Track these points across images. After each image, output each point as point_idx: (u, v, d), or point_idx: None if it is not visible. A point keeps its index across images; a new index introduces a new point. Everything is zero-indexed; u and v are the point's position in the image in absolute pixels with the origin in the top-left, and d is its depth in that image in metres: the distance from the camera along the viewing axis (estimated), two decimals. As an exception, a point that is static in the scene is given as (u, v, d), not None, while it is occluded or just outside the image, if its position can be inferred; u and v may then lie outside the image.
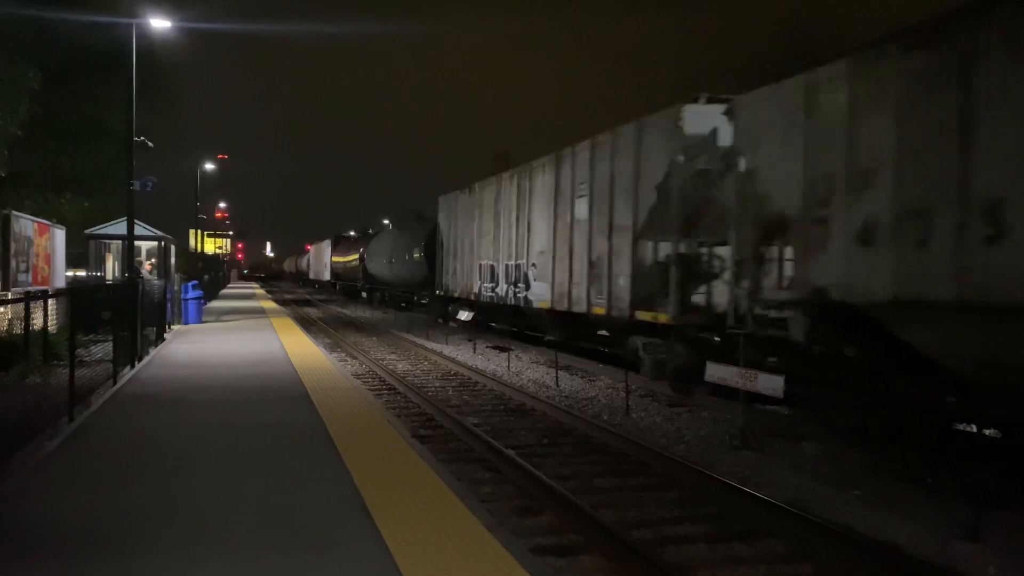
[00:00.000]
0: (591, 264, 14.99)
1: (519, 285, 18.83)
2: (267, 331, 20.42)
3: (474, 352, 19.33)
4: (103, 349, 10.61)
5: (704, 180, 11.80)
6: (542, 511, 6.93)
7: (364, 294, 46.47)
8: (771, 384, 8.98)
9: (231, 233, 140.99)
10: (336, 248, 57.62)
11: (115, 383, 10.86)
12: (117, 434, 7.88)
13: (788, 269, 9.89)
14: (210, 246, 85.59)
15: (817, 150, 9.30)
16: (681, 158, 12.13)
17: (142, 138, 19.45)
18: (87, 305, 10.42)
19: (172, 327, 20.60)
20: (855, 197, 8.69)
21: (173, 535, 4.94)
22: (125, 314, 12.27)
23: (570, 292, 15.90)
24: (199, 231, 52.16)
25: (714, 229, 11.47)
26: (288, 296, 57.73)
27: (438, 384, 14.48)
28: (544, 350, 18.46)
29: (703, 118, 11.85)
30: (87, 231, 23.03)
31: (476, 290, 22.14)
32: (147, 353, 14.57)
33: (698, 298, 12.06)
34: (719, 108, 11.60)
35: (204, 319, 23.68)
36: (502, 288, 20.01)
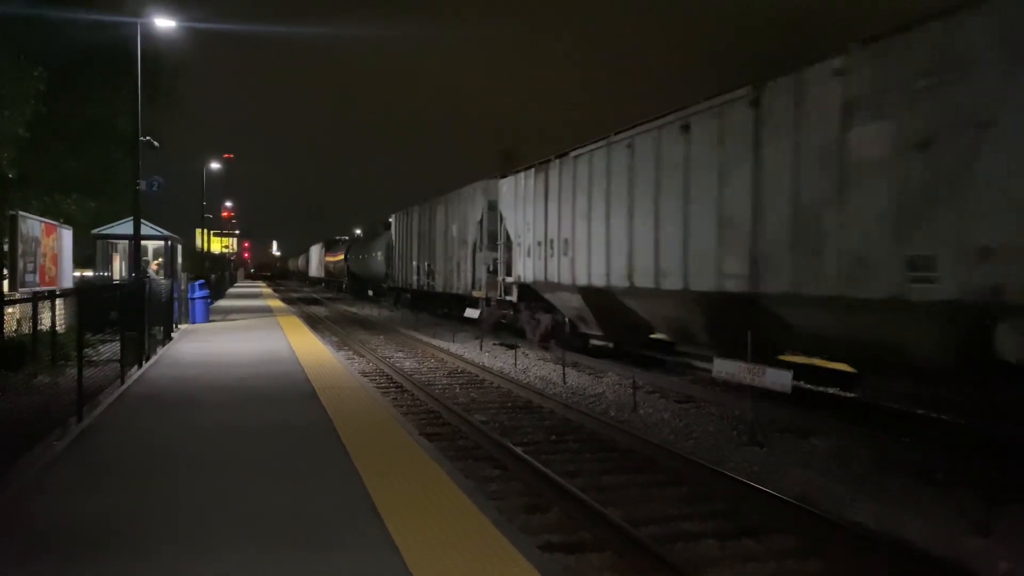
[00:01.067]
0: (457, 265, 25.16)
1: (430, 278, 28.95)
2: (274, 330, 20.45)
3: (480, 350, 19.33)
4: (111, 349, 10.64)
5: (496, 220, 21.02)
6: (550, 508, 6.91)
7: (344, 285, 57.72)
8: (779, 379, 8.96)
9: (237, 232, 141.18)
10: (328, 250, 67.37)
11: (123, 383, 10.89)
12: (125, 434, 7.90)
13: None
14: (216, 245, 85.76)
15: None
16: (486, 210, 21.91)
17: (148, 138, 19.49)
18: (94, 305, 10.43)
19: (179, 326, 20.65)
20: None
21: (181, 534, 4.95)
22: (132, 314, 12.29)
23: (450, 281, 26.06)
24: (206, 230, 52.24)
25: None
26: (294, 295, 57.83)
27: (445, 382, 14.48)
28: (544, 354, 18.49)
29: (491, 189, 21.53)
30: (94, 231, 23.08)
31: (411, 281, 32.40)
32: (155, 353, 14.60)
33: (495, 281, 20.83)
34: (496, 182, 20.86)
35: (211, 318, 23.74)
36: (423, 281, 29.92)
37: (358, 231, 75.34)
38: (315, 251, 78.83)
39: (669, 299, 12.30)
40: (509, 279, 19.75)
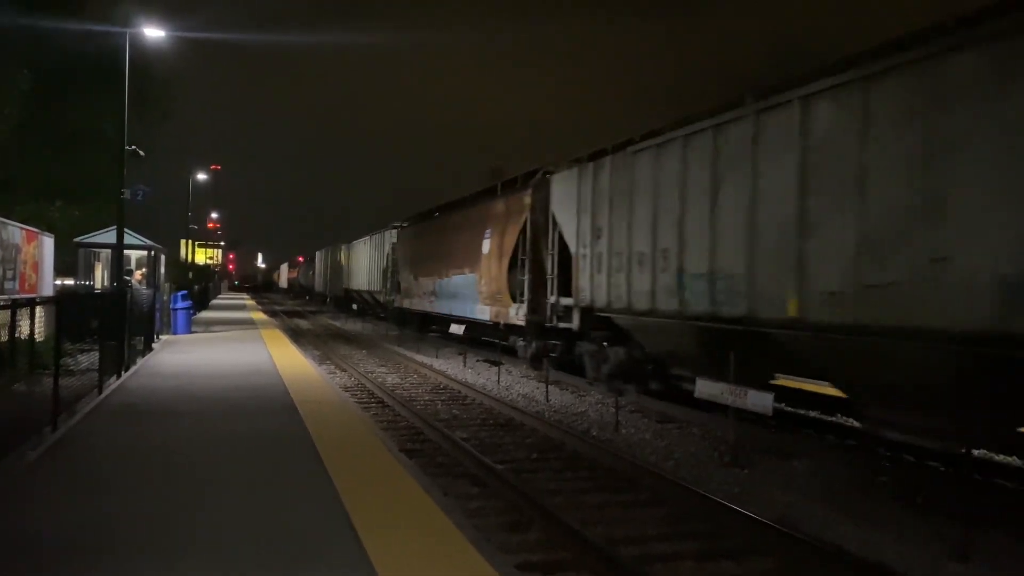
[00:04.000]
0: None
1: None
2: (256, 342, 20.31)
3: (464, 366, 19.26)
4: (90, 358, 10.52)
5: None
6: (530, 527, 6.86)
7: (293, 294, 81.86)
8: (760, 401, 8.96)
9: (223, 244, 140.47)
10: (291, 269, 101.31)
11: (101, 393, 10.75)
12: (100, 445, 7.79)
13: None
14: (201, 256, 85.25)
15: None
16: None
17: (133, 147, 19.40)
18: (74, 313, 10.32)
19: (160, 337, 20.46)
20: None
21: (151, 549, 4.86)
22: (113, 323, 12.17)
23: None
24: (190, 241, 51.95)
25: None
26: (278, 307, 57.53)
27: (427, 398, 14.40)
28: (528, 371, 18.41)
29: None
30: (76, 239, 22.90)
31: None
32: (134, 363, 14.45)
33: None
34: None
35: (193, 329, 23.55)
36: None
37: (299, 258, 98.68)
38: (284, 268, 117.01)
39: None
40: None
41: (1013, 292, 6.56)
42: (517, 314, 17.43)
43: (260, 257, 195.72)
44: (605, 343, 14.33)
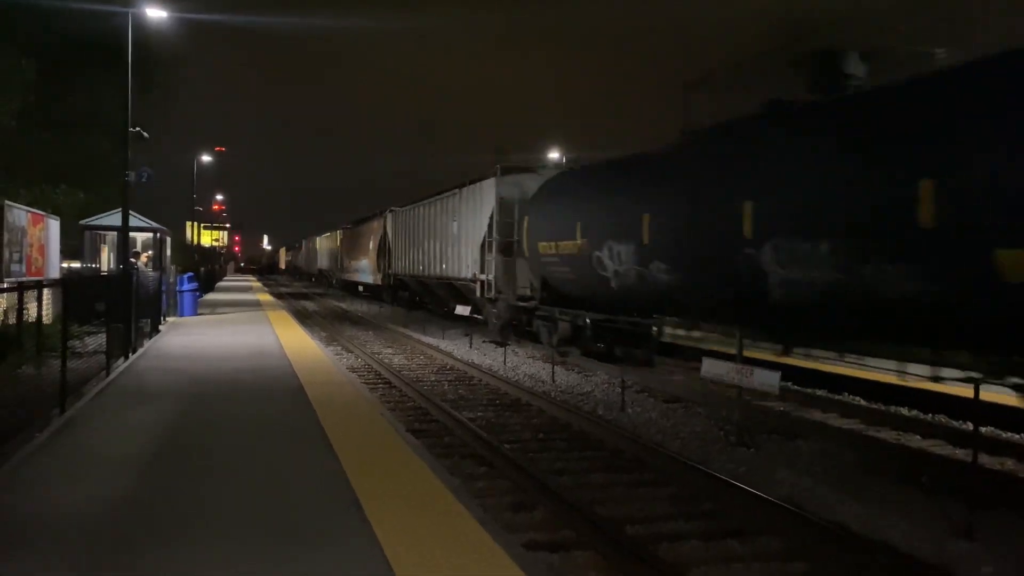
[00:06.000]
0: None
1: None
2: (262, 324, 20.36)
3: (470, 347, 19.29)
4: (97, 340, 10.55)
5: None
6: (536, 506, 6.89)
7: (294, 275, 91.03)
8: (767, 379, 8.95)
9: (228, 226, 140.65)
10: (288, 251, 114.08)
11: (108, 375, 10.80)
12: (107, 426, 7.83)
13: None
14: (207, 238, 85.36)
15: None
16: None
17: (137, 128, 19.36)
18: (81, 296, 10.35)
19: (167, 319, 20.53)
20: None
21: (160, 528, 4.89)
22: (119, 305, 12.20)
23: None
24: (195, 223, 52.00)
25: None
26: (284, 289, 57.68)
27: (433, 378, 14.44)
28: (540, 347, 18.42)
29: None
30: (82, 222, 22.93)
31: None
32: (141, 345, 14.51)
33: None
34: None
35: (199, 311, 23.61)
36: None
37: (296, 242, 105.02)
38: (282, 251, 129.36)
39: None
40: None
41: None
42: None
43: (266, 239, 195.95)
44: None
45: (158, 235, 25.68)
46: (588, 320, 15.36)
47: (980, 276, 6.95)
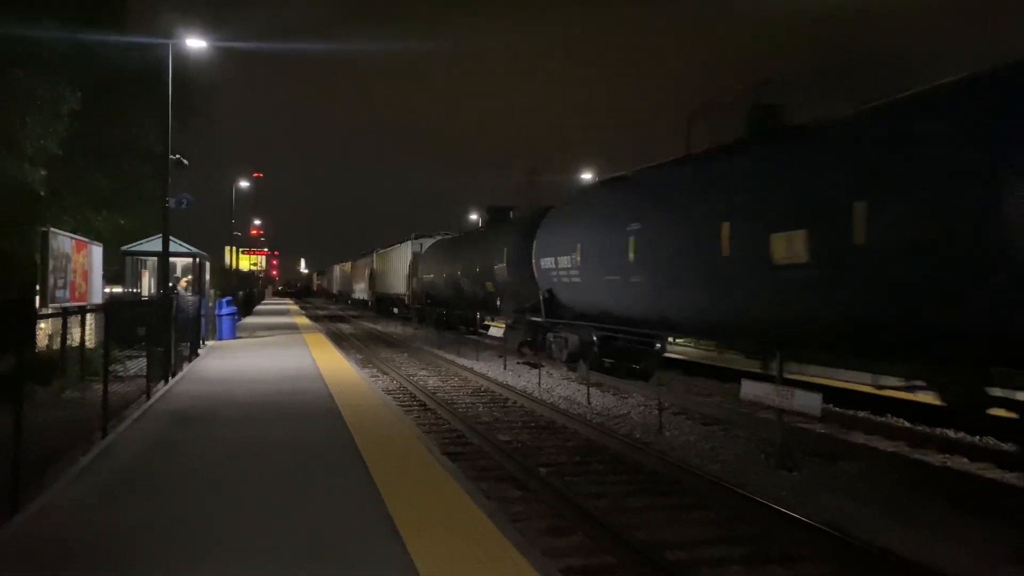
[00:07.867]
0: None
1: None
2: (299, 347, 20.53)
3: (504, 368, 19.26)
4: (138, 364, 10.71)
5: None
6: (574, 531, 6.81)
7: (327, 297, 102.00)
8: (808, 401, 8.80)
9: (266, 250, 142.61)
10: (319, 276, 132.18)
11: (148, 398, 10.94)
12: (149, 450, 7.91)
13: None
14: (245, 263, 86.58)
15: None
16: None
17: (177, 156, 19.73)
18: (122, 321, 10.52)
19: (206, 343, 20.80)
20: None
21: (198, 552, 4.91)
22: (159, 330, 12.38)
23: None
24: (234, 248, 52.75)
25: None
26: (321, 312, 58.23)
27: (468, 400, 14.42)
28: (569, 374, 18.33)
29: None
30: (123, 248, 23.38)
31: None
32: (181, 369, 14.69)
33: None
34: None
35: (238, 335, 23.91)
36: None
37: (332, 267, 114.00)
38: (314, 276, 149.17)
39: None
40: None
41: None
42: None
43: (303, 262, 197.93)
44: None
45: (197, 260, 26.09)
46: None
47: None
